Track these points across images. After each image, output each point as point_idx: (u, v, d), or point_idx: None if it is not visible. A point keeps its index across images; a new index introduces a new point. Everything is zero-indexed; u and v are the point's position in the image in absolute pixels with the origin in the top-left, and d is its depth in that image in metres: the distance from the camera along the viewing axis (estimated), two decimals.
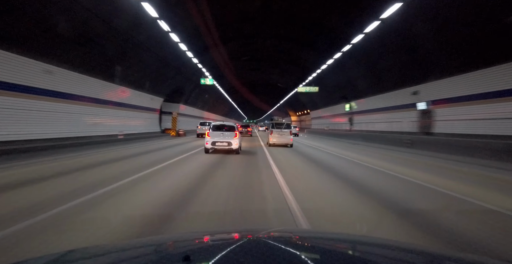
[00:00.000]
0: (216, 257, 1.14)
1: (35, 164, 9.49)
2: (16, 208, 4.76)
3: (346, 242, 1.57)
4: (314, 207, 5.29)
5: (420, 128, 21.52)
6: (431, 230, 4.18)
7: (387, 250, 1.43)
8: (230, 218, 4.70)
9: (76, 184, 6.73)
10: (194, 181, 7.50)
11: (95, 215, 4.62)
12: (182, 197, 5.82)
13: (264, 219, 4.66)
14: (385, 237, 2.40)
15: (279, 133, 18.72)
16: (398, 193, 6.81)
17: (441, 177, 8.86)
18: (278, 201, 5.57)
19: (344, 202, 5.88)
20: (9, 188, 6.19)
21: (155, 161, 10.72)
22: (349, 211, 5.26)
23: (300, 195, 6.03)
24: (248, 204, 5.50)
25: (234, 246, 1.33)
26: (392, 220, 4.73)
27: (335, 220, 4.71)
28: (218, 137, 13.67)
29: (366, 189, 7.09)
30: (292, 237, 1.67)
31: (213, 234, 1.82)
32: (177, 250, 1.37)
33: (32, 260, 1.21)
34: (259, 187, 6.96)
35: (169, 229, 3.99)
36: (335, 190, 6.98)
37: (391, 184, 7.81)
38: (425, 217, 4.95)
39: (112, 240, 3.50)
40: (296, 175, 8.81)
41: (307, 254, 1.26)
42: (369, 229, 4.35)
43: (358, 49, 22.85)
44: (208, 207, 5.20)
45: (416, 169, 10.72)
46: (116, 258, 1.23)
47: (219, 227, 4.16)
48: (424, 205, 5.84)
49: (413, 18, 16.65)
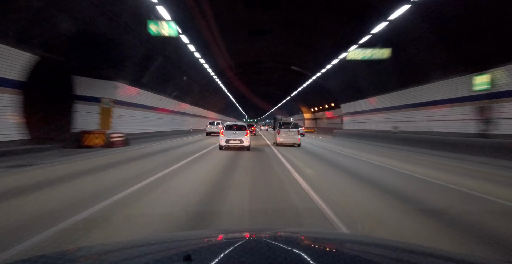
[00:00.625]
0: (217, 257, 1.14)
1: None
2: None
3: (351, 243, 1.58)
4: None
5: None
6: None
7: (392, 251, 1.42)
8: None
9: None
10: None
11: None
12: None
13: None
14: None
15: (287, 133, 18.39)
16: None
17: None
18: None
19: None
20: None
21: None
22: None
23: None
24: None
25: (236, 245, 1.35)
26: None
27: None
28: (231, 136, 14.74)
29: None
30: (296, 237, 1.63)
31: (216, 234, 1.84)
32: (179, 249, 1.33)
33: (34, 258, 1.22)
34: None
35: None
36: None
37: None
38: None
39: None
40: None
41: (309, 254, 1.24)
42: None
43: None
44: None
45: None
46: (118, 257, 1.23)
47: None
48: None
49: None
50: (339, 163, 11.49)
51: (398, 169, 10.10)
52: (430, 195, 6.57)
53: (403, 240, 2.59)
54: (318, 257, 1.21)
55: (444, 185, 7.52)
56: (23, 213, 4.41)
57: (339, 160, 12.76)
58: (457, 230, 4.17)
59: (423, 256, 1.36)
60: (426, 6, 14.36)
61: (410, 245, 1.71)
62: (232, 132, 14.83)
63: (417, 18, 15.63)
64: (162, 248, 1.36)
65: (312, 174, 8.74)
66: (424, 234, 4.02)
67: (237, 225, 4.22)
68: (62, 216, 4.18)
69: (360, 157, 13.75)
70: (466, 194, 6.63)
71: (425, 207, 5.45)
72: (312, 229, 3.91)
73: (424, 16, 15.34)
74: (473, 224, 4.54)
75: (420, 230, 4.17)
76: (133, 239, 1.64)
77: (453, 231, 4.16)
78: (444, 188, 7.18)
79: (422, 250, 1.53)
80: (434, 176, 8.70)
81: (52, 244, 3.31)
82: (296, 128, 18.67)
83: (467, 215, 5.05)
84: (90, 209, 4.58)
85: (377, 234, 3.90)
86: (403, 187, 7.36)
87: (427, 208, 5.32)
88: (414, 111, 21.63)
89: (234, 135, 14.68)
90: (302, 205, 5.35)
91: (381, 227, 4.33)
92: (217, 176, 7.88)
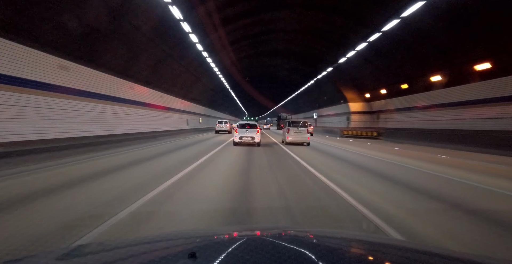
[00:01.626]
0: (222, 255, 1.14)
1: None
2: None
3: (355, 242, 1.55)
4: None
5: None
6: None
7: (398, 250, 1.40)
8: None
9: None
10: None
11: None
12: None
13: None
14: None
15: (296, 131, 18.74)
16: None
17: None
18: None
19: None
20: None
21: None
22: None
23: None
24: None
25: (241, 243, 1.34)
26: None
27: None
28: (244, 133, 16.47)
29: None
30: (302, 236, 1.62)
31: (221, 231, 1.82)
32: (184, 246, 1.34)
33: (43, 254, 1.26)
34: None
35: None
36: None
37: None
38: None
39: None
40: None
41: (315, 253, 1.22)
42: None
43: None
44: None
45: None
46: (124, 254, 1.23)
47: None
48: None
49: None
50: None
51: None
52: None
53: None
54: (323, 256, 1.20)
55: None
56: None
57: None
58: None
59: (429, 255, 1.35)
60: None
61: (416, 244, 1.68)
62: (245, 130, 16.74)
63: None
64: (167, 245, 1.37)
65: None
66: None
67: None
68: None
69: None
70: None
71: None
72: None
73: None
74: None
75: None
76: (138, 236, 1.64)
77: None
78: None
79: (428, 249, 1.52)
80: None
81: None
82: (305, 127, 19.18)
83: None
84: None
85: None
86: None
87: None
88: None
89: (246, 132, 16.52)
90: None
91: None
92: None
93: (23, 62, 10.70)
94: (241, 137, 16.39)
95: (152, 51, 20.03)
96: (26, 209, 4.50)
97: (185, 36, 20.47)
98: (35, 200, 5.02)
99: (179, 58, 24.50)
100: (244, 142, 16.36)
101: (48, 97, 12.02)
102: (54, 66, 12.33)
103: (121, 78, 18.40)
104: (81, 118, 14.31)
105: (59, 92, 12.68)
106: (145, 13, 16.00)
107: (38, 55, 11.36)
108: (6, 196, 5.20)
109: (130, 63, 18.75)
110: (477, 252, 3.39)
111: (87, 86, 14.78)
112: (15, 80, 10.40)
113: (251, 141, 16.33)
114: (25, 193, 5.50)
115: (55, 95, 12.44)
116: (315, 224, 4.20)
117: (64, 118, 13.01)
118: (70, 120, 13.35)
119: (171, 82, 27.32)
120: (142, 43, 18.15)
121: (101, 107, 16.28)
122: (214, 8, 20.50)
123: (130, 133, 19.11)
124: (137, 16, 15.69)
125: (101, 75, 16.12)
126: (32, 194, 5.43)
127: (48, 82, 11.98)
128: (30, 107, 11.11)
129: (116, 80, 17.91)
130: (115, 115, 18.12)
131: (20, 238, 3.36)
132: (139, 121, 21.62)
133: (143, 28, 16.82)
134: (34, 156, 9.83)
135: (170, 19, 17.40)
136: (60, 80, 12.72)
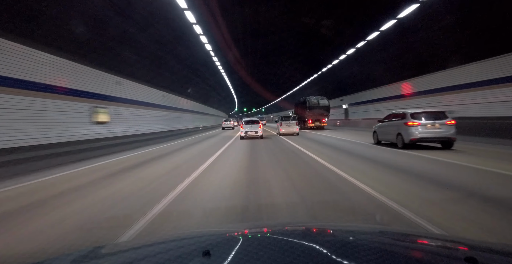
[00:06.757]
0: (236, 252, 1.18)
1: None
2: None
3: (364, 234, 1.57)
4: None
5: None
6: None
7: (410, 243, 1.43)
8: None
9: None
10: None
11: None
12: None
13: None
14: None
15: (287, 124, 23.50)
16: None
17: None
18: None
19: None
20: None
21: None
22: None
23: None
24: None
25: (255, 240, 1.43)
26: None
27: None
28: (249, 128, 19.96)
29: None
30: (314, 232, 1.65)
31: (234, 229, 1.90)
32: (198, 245, 1.36)
33: (63, 256, 1.32)
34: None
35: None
36: None
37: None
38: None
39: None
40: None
41: (328, 248, 1.24)
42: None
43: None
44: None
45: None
46: (140, 254, 1.29)
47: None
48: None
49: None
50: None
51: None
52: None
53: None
54: (336, 250, 1.21)
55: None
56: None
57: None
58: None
59: (439, 247, 1.37)
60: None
61: (427, 233, 1.68)
62: (249, 125, 20.06)
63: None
64: (181, 245, 1.41)
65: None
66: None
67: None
68: None
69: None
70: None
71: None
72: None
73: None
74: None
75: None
76: (152, 236, 1.81)
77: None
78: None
79: (437, 238, 1.59)
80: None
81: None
82: (295, 121, 23.97)
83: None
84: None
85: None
86: None
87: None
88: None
89: (250, 128, 19.84)
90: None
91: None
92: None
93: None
94: (246, 131, 19.59)
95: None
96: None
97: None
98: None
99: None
100: (249, 135, 19.58)
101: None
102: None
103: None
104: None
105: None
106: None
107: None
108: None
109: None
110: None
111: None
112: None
113: (254, 135, 19.63)
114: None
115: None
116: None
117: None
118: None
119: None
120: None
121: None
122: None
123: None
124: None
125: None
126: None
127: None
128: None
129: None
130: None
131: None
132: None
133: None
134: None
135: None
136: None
